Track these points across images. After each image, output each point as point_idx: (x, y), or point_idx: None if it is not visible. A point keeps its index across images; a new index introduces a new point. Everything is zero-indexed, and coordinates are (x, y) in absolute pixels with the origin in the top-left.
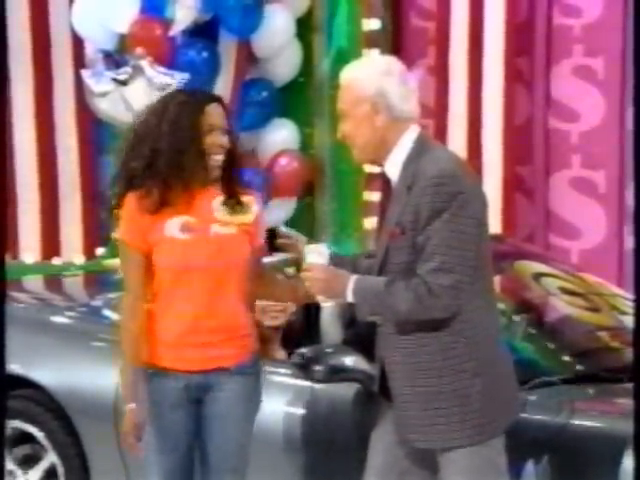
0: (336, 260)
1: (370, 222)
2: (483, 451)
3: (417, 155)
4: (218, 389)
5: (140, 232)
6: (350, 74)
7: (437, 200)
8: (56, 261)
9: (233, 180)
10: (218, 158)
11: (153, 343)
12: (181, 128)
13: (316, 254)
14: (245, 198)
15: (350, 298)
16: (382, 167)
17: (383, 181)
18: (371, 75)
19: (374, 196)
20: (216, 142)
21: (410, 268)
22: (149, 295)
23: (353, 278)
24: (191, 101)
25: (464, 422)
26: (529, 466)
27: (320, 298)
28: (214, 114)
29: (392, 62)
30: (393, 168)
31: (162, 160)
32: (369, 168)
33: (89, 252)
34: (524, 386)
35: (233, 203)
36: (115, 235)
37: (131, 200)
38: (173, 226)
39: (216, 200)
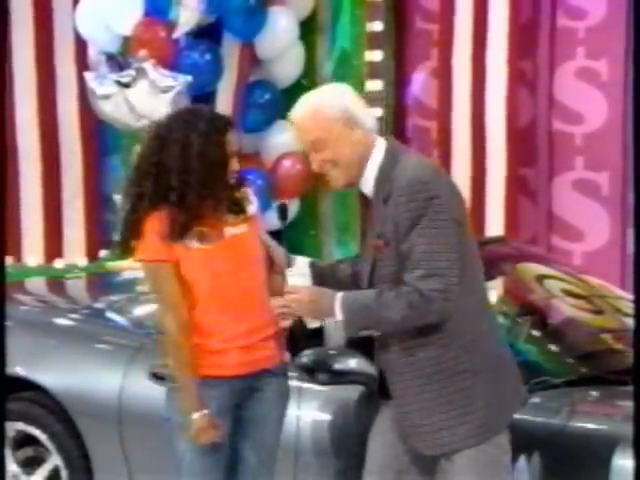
0: (315, 271)
1: None
2: (488, 449)
3: (389, 166)
4: (261, 390)
5: (168, 247)
6: (309, 106)
7: (413, 208)
8: (59, 263)
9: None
10: (232, 182)
11: (197, 353)
12: (210, 163)
13: (297, 275)
14: (239, 194)
15: (339, 316)
16: (357, 185)
17: (363, 196)
18: (332, 97)
19: None
20: (233, 168)
21: (398, 278)
22: (187, 310)
23: (339, 296)
24: (213, 132)
25: (467, 423)
26: (532, 467)
27: (307, 319)
28: (232, 142)
29: (340, 85)
30: (368, 182)
31: (192, 194)
32: None
33: (92, 254)
34: (526, 388)
35: (234, 207)
36: (139, 258)
37: (154, 221)
38: (192, 239)
39: (220, 208)
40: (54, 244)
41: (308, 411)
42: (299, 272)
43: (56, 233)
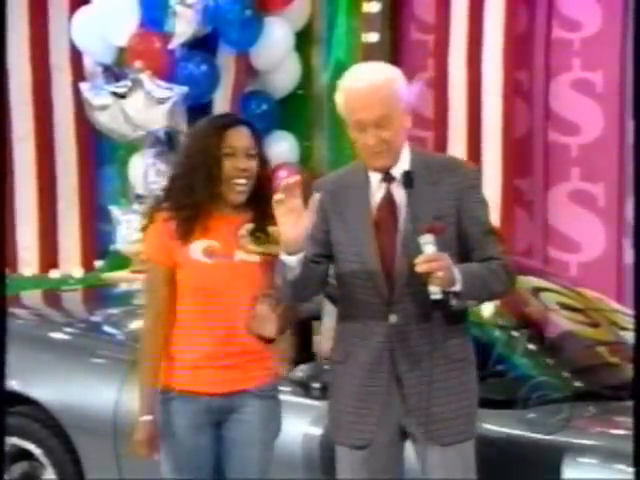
0: None
1: None
2: (472, 447)
3: (421, 154)
4: (240, 412)
5: (165, 250)
6: (380, 75)
7: (480, 191)
8: (54, 274)
9: (264, 208)
10: (241, 182)
11: (173, 365)
12: (193, 154)
13: (431, 245)
14: (275, 229)
15: (458, 286)
16: (383, 171)
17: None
18: (399, 76)
19: None
20: (237, 166)
21: (456, 259)
22: (172, 315)
23: (455, 266)
24: (210, 126)
25: (475, 414)
26: None
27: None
28: (236, 137)
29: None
30: (402, 166)
31: (175, 187)
32: None
33: (87, 264)
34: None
35: (260, 233)
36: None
37: (157, 221)
38: (197, 249)
39: (244, 228)
40: (49, 254)
41: (301, 426)
42: (432, 241)
43: (51, 243)
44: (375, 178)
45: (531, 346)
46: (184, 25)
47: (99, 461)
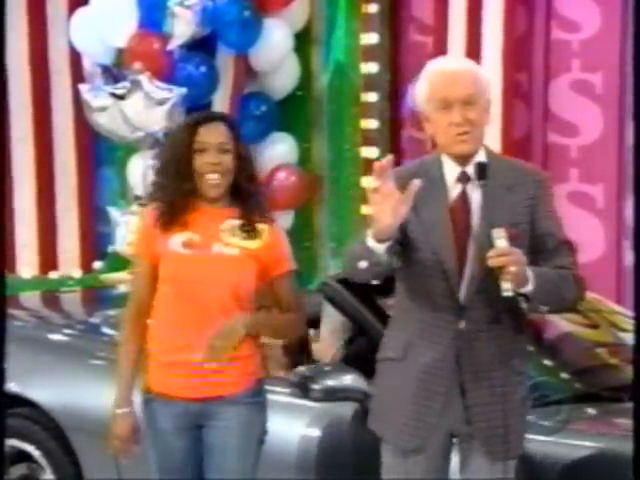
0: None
1: None
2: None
3: (496, 157)
4: (216, 418)
5: (147, 243)
6: (469, 63)
7: (553, 201)
8: (53, 275)
9: (248, 204)
10: (212, 177)
11: (151, 365)
12: (166, 151)
13: (504, 239)
14: (260, 225)
15: (530, 286)
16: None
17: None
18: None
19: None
20: (209, 161)
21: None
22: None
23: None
24: (185, 123)
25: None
26: None
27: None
28: (207, 133)
29: None
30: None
31: (154, 182)
32: (366, 182)
33: (86, 265)
34: None
35: (242, 228)
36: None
37: (144, 214)
38: (177, 241)
39: (226, 223)
40: (48, 255)
41: (298, 427)
42: (505, 235)
43: (50, 244)
44: (451, 177)
45: (530, 347)
46: (183, 26)
47: (98, 463)
